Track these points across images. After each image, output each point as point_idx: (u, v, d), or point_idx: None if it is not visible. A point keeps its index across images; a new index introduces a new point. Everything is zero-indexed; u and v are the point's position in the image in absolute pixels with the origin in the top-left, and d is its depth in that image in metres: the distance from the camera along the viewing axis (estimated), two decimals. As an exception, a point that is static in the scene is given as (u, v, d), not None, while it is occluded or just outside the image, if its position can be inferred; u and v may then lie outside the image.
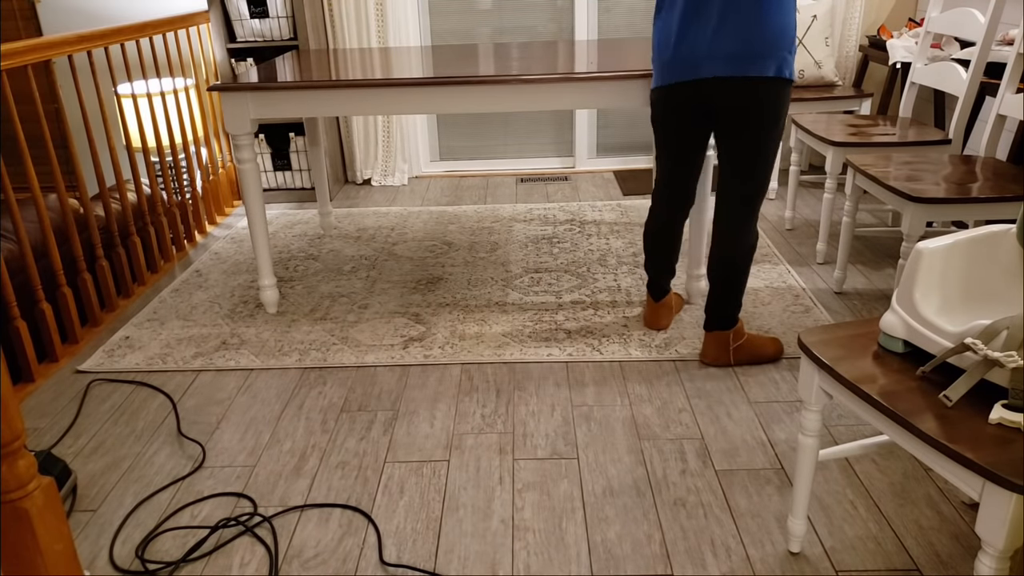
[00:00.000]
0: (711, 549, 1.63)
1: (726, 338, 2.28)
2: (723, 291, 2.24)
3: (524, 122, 4.37)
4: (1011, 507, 1.08)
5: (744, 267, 2.21)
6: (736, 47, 1.94)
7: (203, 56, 3.79)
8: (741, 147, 2.07)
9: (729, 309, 2.25)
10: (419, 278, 2.99)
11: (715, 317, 2.27)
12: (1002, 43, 2.85)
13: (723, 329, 2.28)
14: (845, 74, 3.97)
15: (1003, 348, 1.18)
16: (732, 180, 2.13)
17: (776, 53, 1.95)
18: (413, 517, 1.76)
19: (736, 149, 2.08)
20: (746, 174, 2.11)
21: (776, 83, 1.98)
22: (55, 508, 1.20)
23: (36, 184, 2.44)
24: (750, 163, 2.09)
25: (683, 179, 2.28)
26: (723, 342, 2.29)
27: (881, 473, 1.84)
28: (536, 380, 2.28)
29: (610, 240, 3.29)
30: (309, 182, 3.99)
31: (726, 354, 2.29)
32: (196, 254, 3.35)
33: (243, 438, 2.07)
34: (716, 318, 2.27)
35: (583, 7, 4.08)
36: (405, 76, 2.43)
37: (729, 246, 2.18)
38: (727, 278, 2.22)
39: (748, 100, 1.99)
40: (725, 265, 2.21)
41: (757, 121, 2.02)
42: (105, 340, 2.63)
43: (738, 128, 2.04)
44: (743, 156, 2.08)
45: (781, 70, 1.97)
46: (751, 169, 2.10)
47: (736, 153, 2.09)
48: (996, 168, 2.43)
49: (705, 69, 1.99)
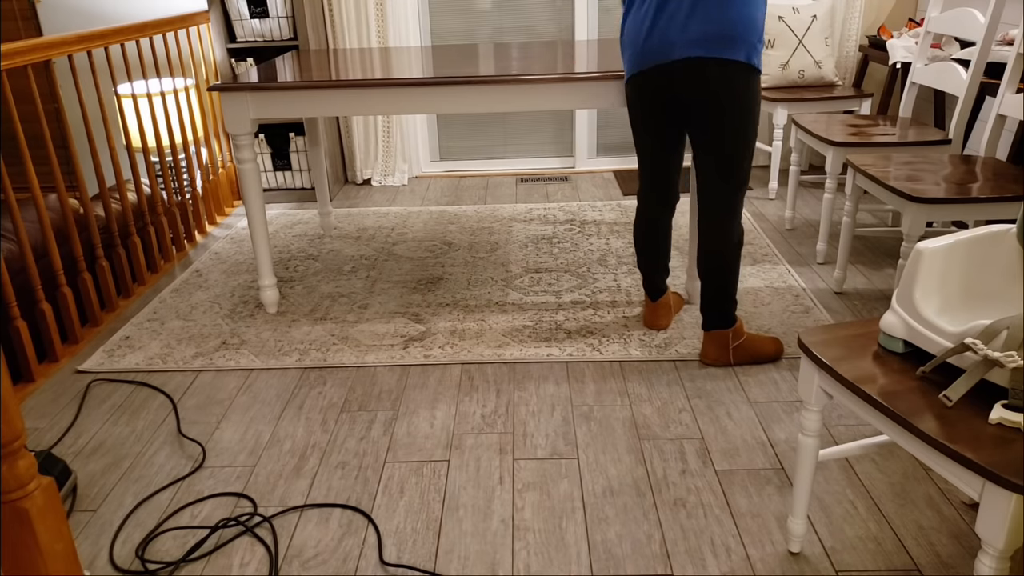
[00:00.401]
0: (711, 549, 1.63)
1: (725, 337, 2.28)
2: (713, 290, 2.25)
3: (524, 122, 4.37)
4: (1011, 507, 1.08)
5: (731, 265, 2.22)
6: (706, 30, 1.96)
7: (203, 56, 3.79)
8: (715, 140, 2.08)
9: (724, 307, 2.26)
10: (419, 278, 2.99)
11: (711, 316, 2.28)
12: (1002, 43, 2.85)
13: (722, 328, 2.28)
14: (845, 74, 3.97)
15: (1003, 348, 1.18)
16: (710, 178, 2.14)
17: (745, 39, 1.97)
18: (413, 517, 1.76)
19: (710, 144, 2.09)
20: (723, 170, 2.11)
21: (745, 69, 2.00)
22: (55, 508, 1.20)
23: (36, 184, 2.44)
24: (726, 159, 2.10)
25: (664, 176, 2.29)
26: (723, 341, 2.29)
27: (881, 473, 1.84)
28: (536, 380, 2.28)
29: (610, 240, 3.29)
30: (309, 182, 3.99)
31: (726, 354, 2.29)
32: (196, 254, 3.35)
33: (243, 438, 2.07)
34: (713, 317, 2.28)
35: (583, 7, 4.08)
36: (405, 76, 2.43)
37: (713, 244, 2.20)
38: (715, 276, 2.23)
39: (718, 84, 2.00)
40: (712, 263, 2.22)
41: (730, 108, 2.02)
42: (105, 340, 2.63)
43: (710, 117, 2.05)
44: (718, 150, 2.09)
45: (750, 57, 1.99)
46: (728, 165, 2.10)
47: (711, 148, 2.10)
48: (996, 168, 2.43)
49: (677, 52, 2.00)
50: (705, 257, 2.23)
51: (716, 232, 2.18)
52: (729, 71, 1.98)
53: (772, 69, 3.60)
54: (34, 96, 2.46)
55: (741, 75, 2.00)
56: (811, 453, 1.51)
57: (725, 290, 2.24)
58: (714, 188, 2.14)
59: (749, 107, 2.04)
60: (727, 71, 1.98)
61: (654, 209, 2.36)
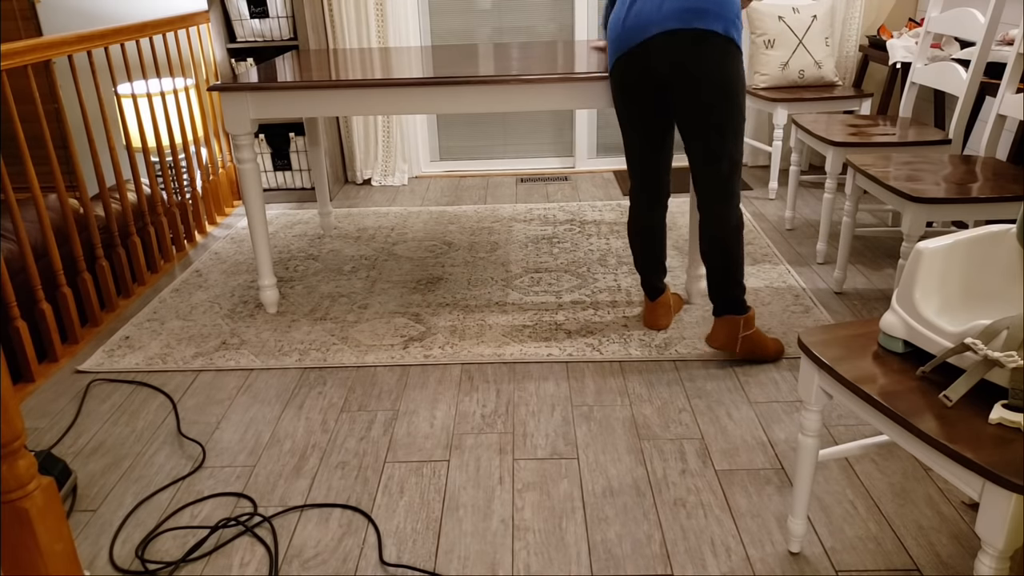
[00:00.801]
0: (711, 549, 1.63)
1: (736, 324, 2.27)
2: (719, 273, 2.25)
3: (524, 122, 4.37)
4: (1011, 507, 1.08)
5: (733, 249, 2.22)
6: (682, 5, 1.98)
7: (203, 56, 3.79)
8: (699, 122, 2.08)
9: (732, 292, 2.25)
10: (419, 278, 2.99)
11: (721, 301, 2.28)
12: (1002, 43, 2.85)
13: (734, 314, 2.28)
14: (845, 74, 3.97)
15: (1003, 348, 1.18)
16: (699, 165, 2.15)
17: (724, 14, 1.99)
18: (413, 517, 1.76)
19: (695, 127, 2.09)
20: (711, 154, 2.12)
21: (723, 41, 2.00)
22: (55, 508, 1.20)
23: (36, 184, 2.44)
24: (712, 141, 2.09)
25: (654, 175, 2.30)
26: (734, 328, 2.28)
27: (881, 473, 1.84)
28: (536, 380, 2.28)
29: (610, 240, 3.29)
30: (309, 182, 3.99)
31: (734, 341, 2.29)
32: (196, 254, 3.35)
33: (243, 438, 2.07)
34: (723, 302, 2.27)
35: (583, 7, 4.08)
36: (405, 76, 2.43)
37: (712, 230, 2.21)
38: (717, 259, 2.24)
39: (695, 55, 2.00)
40: (713, 247, 2.23)
41: (708, 82, 2.02)
42: (105, 340, 2.63)
43: (690, 94, 2.05)
44: (704, 133, 2.09)
45: (728, 30, 2.00)
46: (715, 148, 2.11)
47: (697, 132, 2.10)
48: (996, 168, 2.43)
49: (653, 28, 2.02)
50: (706, 241, 2.24)
51: (714, 218, 2.20)
52: (707, 43, 1.99)
53: (772, 69, 3.60)
54: (34, 96, 2.46)
55: (719, 47, 2.00)
56: (811, 453, 1.51)
57: (729, 273, 2.24)
58: (705, 174, 2.16)
59: (730, 82, 2.04)
60: (704, 42, 1.99)
61: (646, 208, 2.36)
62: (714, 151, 2.11)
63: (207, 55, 3.86)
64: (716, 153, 2.11)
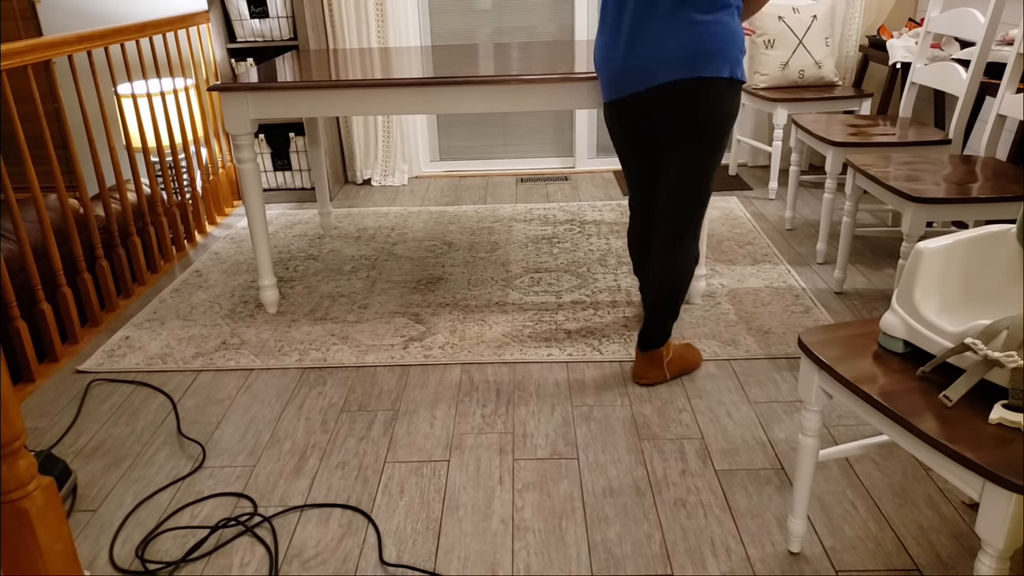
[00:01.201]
0: (711, 549, 1.63)
1: (660, 355, 2.21)
2: (662, 313, 2.15)
3: (524, 122, 4.37)
4: (1011, 507, 1.08)
5: (684, 287, 2.13)
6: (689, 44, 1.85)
7: (203, 56, 3.79)
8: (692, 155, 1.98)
9: (668, 326, 2.18)
10: (419, 278, 2.99)
11: (652, 338, 2.19)
12: (1002, 43, 2.85)
13: (658, 347, 2.20)
14: (845, 74, 3.97)
15: (1003, 348, 1.18)
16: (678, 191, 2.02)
17: (729, 52, 1.87)
18: (413, 517, 1.76)
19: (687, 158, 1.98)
20: (694, 185, 2.01)
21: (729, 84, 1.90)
22: (55, 508, 1.20)
23: (36, 184, 2.44)
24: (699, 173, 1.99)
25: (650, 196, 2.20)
26: (658, 360, 2.21)
27: (881, 473, 1.84)
28: (536, 380, 2.28)
29: (610, 240, 3.29)
30: (309, 182, 3.99)
31: (662, 371, 2.22)
32: (196, 254, 3.35)
33: (243, 438, 2.07)
34: (653, 339, 2.19)
35: (583, 7, 4.08)
36: (405, 76, 2.43)
37: (668, 272, 2.10)
38: (665, 302, 2.13)
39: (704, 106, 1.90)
40: (663, 291, 2.12)
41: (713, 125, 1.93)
42: (105, 340, 2.63)
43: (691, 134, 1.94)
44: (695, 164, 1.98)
45: (734, 72, 1.89)
46: (699, 179, 2.00)
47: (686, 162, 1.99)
48: (996, 168, 2.43)
49: (657, 77, 1.90)
50: (658, 285, 2.12)
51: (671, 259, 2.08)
52: (712, 89, 1.89)
53: (772, 69, 3.60)
54: (34, 96, 2.46)
55: (728, 93, 1.91)
56: (811, 453, 1.51)
57: (673, 312, 2.16)
58: (680, 202, 2.03)
59: (730, 122, 1.97)
60: (710, 90, 1.89)
61: (641, 222, 2.27)
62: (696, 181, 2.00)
63: (207, 55, 3.86)
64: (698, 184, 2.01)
